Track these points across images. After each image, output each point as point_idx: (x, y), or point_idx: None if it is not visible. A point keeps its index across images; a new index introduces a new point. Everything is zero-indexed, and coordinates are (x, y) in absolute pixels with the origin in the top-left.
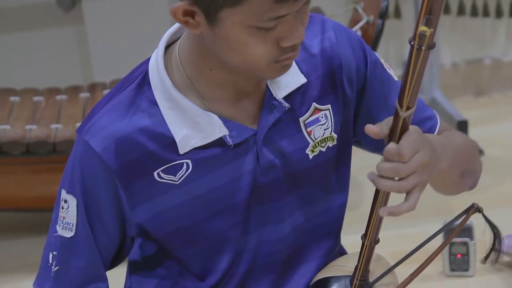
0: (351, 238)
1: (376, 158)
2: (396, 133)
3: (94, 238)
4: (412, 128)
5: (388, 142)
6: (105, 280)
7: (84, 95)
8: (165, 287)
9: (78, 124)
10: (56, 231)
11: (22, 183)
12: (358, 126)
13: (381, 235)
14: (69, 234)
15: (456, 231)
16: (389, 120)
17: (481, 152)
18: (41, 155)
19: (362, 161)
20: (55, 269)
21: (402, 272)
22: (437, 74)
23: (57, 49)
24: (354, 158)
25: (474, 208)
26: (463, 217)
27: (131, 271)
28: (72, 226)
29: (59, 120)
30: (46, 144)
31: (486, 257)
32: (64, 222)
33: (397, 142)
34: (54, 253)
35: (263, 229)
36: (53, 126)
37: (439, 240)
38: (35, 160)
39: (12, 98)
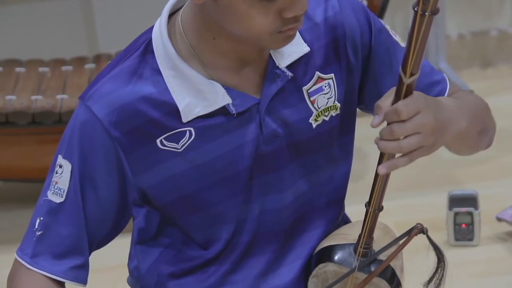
0: (355, 208)
1: (380, 128)
2: (400, 100)
3: (84, 207)
4: (416, 93)
5: None
6: (84, 254)
7: (89, 66)
8: (169, 256)
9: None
10: (47, 196)
11: (28, 154)
12: (365, 93)
13: (385, 205)
14: (58, 199)
15: (397, 251)
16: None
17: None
18: (47, 126)
19: (366, 132)
20: (38, 233)
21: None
22: (443, 45)
23: (63, 20)
24: (358, 128)
25: (417, 229)
26: (405, 238)
27: (135, 241)
28: (63, 192)
29: (65, 90)
30: (51, 114)
31: (429, 281)
32: (55, 187)
33: None
34: (40, 218)
35: (266, 198)
36: (59, 96)
37: (443, 209)
38: (41, 130)
39: (18, 69)
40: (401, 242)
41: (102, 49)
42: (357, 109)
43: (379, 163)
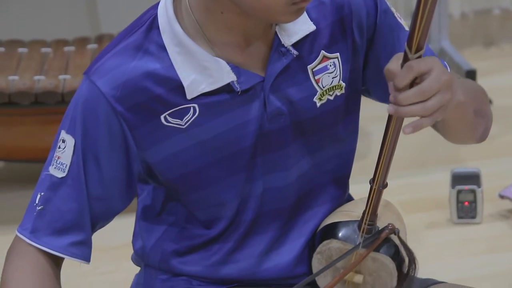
0: (358, 187)
1: (384, 107)
2: None
3: (86, 183)
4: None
5: None
6: (86, 230)
7: (91, 46)
8: (173, 234)
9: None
10: (48, 171)
11: (31, 134)
12: (367, 75)
13: (388, 184)
14: (60, 174)
15: (370, 250)
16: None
17: (489, 101)
18: (50, 106)
19: (370, 111)
20: (39, 208)
21: (411, 219)
22: (445, 24)
23: (65, 1)
24: (363, 108)
25: (389, 229)
26: (380, 235)
27: (140, 218)
28: (65, 167)
29: (67, 71)
30: (54, 94)
31: (400, 281)
32: (58, 162)
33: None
34: (41, 193)
35: (269, 176)
36: (61, 77)
37: (447, 187)
38: (44, 110)
39: (20, 50)
40: (372, 240)
41: (104, 30)
42: None
43: (383, 142)
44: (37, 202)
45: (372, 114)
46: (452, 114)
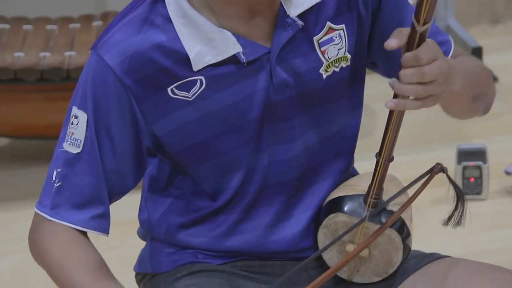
0: (364, 165)
1: (388, 87)
2: (413, 49)
3: (101, 157)
4: (429, 40)
5: None
6: (105, 203)
7: (97, 23)
8: (178, 206)
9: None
10: (63, 147)
11: (37, 111)
12: (372, 48)
13: (394, 161)
14: (75, 150)
15: (419, 192)
16: (406, 33)
17: (495, 78)
18: (55, 82)
19: (375, 90)
20: (57, 185)
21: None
22: (452, 1)
23: None
24: (367, 86)
25: (438, 168)
26: (427, 176)
27: (146, 191)
28: (80, 142)
29: (73, 47)
30: (60, 71)
31: (449, 219)
32: (72, 138)
33: None
34: (58, 170)
35: (275, 148)
36: (67, 53)
37: (453, 164)
38: (50, 87)
39: (25, 27)
40: (422, 181)
41: (110, 7)
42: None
43: (390, 115)
44: (54, 178)
45: (377, 92)
46: (448, 102)
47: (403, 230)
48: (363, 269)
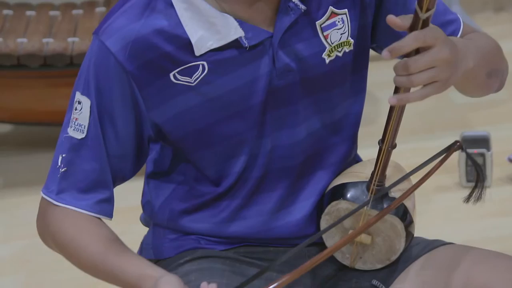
0: (367, 152)
1: (393, 74)
2: None
3: (104, 142)
4: (433, 26)
5: None
6: (109, 187)
7: (100, 9)
8: (181, 193)
9: None
10: (67, 133)
11: (40, 97)
12: (377, 31)
13: (397, 149)
14: (79, 135)
15: (436, 167)
16: (410, 17)
17: None
18: (59, 69)
19: (378, 77)
20: (62, 170)
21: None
22: None
23: None
24: (371, 73)
25: (456, 146)
26: (444, 154)
27: (148, 177)
28: (84, 128)
29: (76, 33)
30: (63, 57)
31: (470, 195)
32: (76, 124)
33: None
34: (63, 155)
35: (278, 133)
36: (70, 39)
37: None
38: (53, 73)
39: (28, 13)
40: (440, 158)
41: None
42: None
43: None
44: (59, 164)
45: (380, 79)
46: (462, 80)
47: (405, 217)
48: (366, 256)
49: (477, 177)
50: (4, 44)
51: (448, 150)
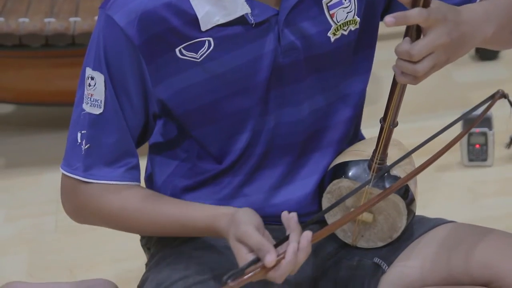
0: (369, 131)
1: (395, 54)
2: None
3: (123, 113)
4: (437, 2)
5: None
6: (135, 155)
7: None
8: (184, 169)
9: (97, 18)
10: (84, 110)
11: (42, 77)
12: (391, 7)
13: (399, 128)
14: (97, 111)
15: (481, 116)
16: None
17: None
18: (60, 48)
19: (382, 56)
20: (86, 147)
21: (421, 162)
22: None
23: None
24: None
25: (499, 94)
26: (488, 103)
27: (151, 154)
28: (101, 102)
29: (78, 13)
30: (65, 36)
31: (511, 142)
32: (92, 99)
33: None
34: (82, 131)
35: (282, 111)
36: (72, 19)
37: (457, 130)
38: (55, 53)
39: None
40: (485, 106)
41: None
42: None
43: (392, 85)
44: (79, 141)
45: (383, 58)
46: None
47: (407, 195)
48: (368, 234)
49: None
50: (6, 24)
51: (492, 99)
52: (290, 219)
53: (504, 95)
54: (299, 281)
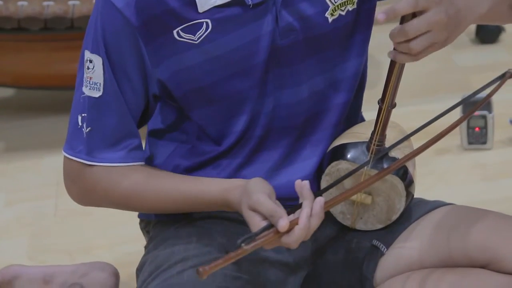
0: (369, 115)
1: None
2: None
3: (123, 95)
4: None
5: None
6: (137, 135)
7: None
8: (183, 150)
9: (95, 0)
10: (83, 93)
11: (41, 61)
12: None
13: (399, 111)
14: (97, 94)
15: (490, 95)
16: None
17: (501, 28)
18: (59, 32)
19: (380, 40)
20: (87, 130)
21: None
22: None
23: None
24: (373, 37)
25: (510, 73)
26: (497, 83)
27: (150, 135)
28: (100, 85)
29: None
30: (64, 20)
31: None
32: (91, 83)
33: None
34: (83, 115)
35: (281, 92)
36: (71, 2)
37: (457, 114)
38: (53, 36)
39: None
40: (494, 86)
41: None
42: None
43: (390, 65)
44: (80, 124)
45: (382, 42)
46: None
47: (406, 177)
48: (366, 216)
49: None
50: (5, 7)
51: (502, 78)
52: (303, 186)
53: None
54: (298, 263)
